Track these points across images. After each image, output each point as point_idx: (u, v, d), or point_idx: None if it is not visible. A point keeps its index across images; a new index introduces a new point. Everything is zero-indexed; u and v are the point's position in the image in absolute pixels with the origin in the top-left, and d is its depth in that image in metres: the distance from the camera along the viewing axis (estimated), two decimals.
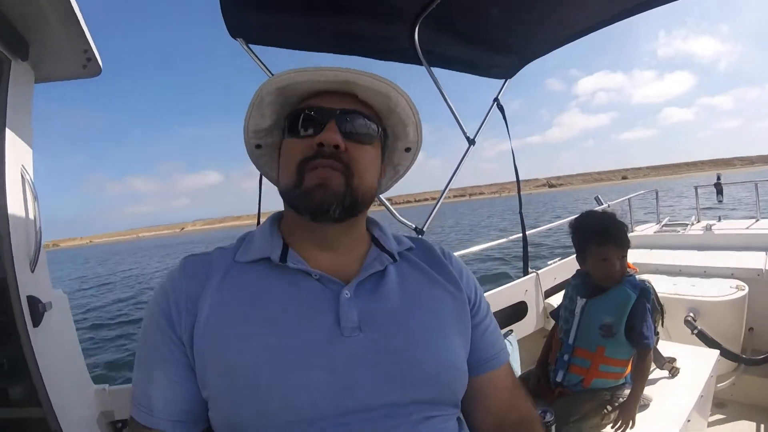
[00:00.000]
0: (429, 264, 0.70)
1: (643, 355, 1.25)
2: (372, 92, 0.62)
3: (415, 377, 0.56)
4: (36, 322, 1.14)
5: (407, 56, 1.63)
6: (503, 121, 1.97)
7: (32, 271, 1.21)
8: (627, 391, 1.27)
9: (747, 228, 3.34)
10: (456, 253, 0.87)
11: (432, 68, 1.68)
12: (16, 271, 1.14)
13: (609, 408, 1.25)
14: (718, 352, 1.67)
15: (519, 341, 1.86)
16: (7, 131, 1.21)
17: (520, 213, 2.20)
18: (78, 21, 1.29)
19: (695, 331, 2.06)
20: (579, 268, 1.41)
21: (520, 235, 2.22)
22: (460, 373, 0.62)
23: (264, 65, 1.35)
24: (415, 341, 0.58)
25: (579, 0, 1.45)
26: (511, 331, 1.89)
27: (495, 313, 1.93)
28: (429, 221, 1.78)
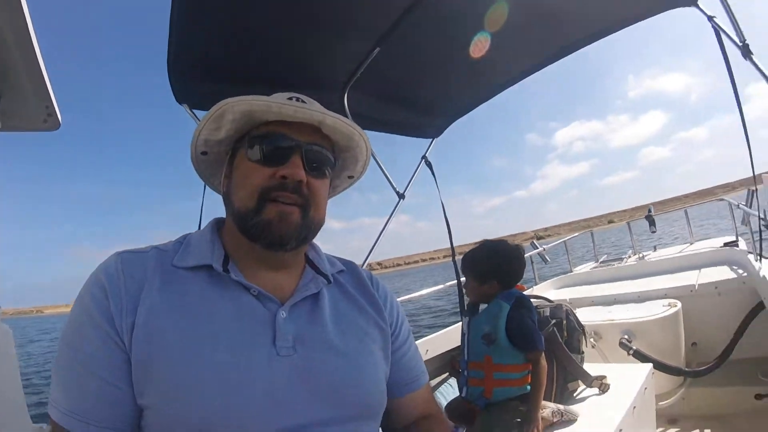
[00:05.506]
0: (357, 291, 0.72)
1: (533, 360, 1.30)
2: (335, 131, 0.64)
3: (347, 397, 0.59)
4: None
5: None
6: (432, 177, 2.11)
7: None
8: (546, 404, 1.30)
9: (680, 252, 3.43)
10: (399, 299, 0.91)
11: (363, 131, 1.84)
12: None
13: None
14: (650, 365, 1.71)
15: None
16: None
17: (453, 260, 2.30)
18: (42, 75, 1.43)
19: (631, 352, 2.11)
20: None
21: (455, 282, 2.32)
22: (383, 395, 0.67)
23: None
24: (347, 364, 0.61)
25: (500, 56, 1.58)
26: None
27: (435, 358, 1.93)
28: (367, 261, 1.93)
